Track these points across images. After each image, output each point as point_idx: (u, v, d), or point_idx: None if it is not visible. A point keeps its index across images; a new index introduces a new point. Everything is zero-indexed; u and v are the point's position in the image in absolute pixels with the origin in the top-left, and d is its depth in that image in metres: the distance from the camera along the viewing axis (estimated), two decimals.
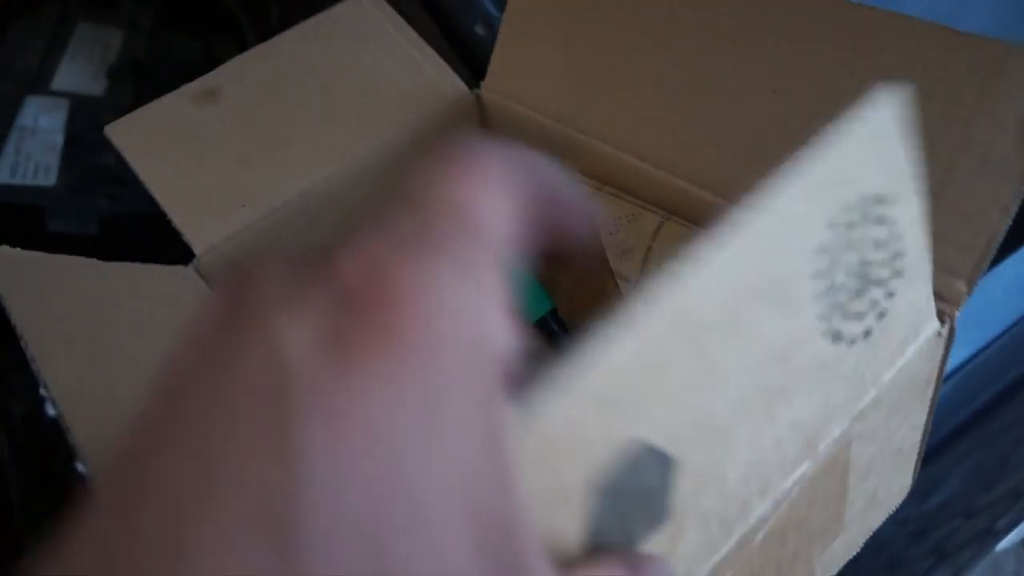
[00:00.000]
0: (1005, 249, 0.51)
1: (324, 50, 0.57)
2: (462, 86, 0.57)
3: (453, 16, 0.62)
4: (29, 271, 0.40)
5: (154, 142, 0.53)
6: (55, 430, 0.51)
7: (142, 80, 0.69)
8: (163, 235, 0.53)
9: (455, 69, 0.57)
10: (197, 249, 0.49)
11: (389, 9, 0.59)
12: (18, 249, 0.40)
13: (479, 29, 0.60)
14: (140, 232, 0.62)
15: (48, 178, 0.64)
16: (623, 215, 0.48)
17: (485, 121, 0.58)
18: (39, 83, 0.68)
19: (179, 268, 0.48)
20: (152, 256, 0.54)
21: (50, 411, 0.31)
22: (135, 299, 0.43)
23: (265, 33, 0.82)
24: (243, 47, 0.79)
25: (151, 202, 0.53)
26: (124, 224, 0.63)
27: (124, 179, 0.62)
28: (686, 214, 0.47)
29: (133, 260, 0.48)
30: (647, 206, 0.48)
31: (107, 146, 0.64)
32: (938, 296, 0.37)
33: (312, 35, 0.58)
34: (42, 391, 0.31)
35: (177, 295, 0.45)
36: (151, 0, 0.77)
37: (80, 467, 0.32)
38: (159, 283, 0.46)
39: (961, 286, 0.37)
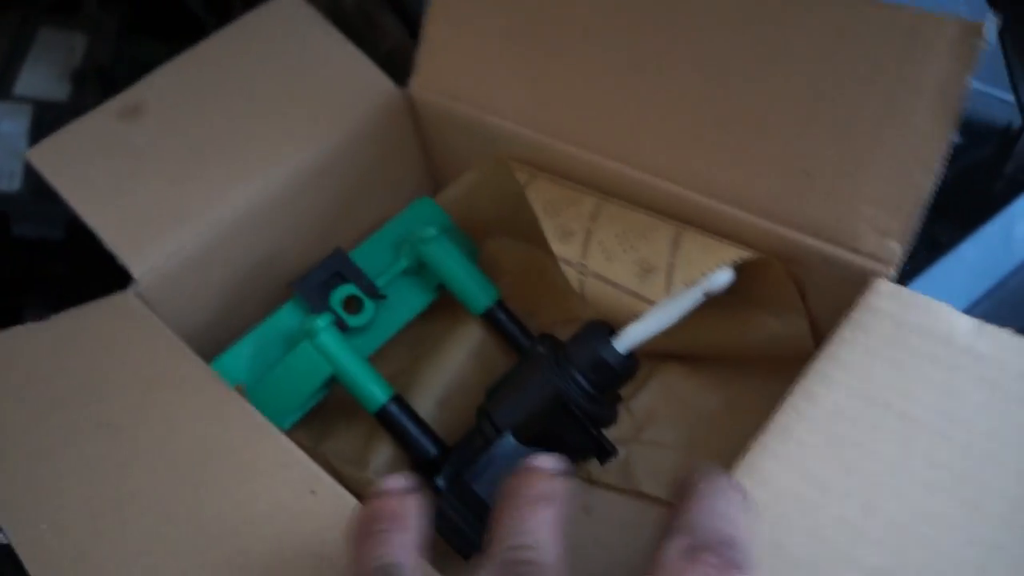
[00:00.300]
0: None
1: (250, 55, 0.56)
2: (391, 85, 0.57)
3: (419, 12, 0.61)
4: None
5: (80, 163, 0.51)
6: None
7: (107, 85, 0.68)
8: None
9: None
10: (135, 272, 0.48)
11: (311, 10, 0.59)
12: None
13: None
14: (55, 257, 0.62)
15: (12, 184, 0.63)
16: (561, 198, 0.48)
17: (417, 118, 0.58)
18: (1, 88, 0.67)
19: (118, 296, 0.47)
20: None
21: None
22: (82, 353, 0.43)
23: None
24: None
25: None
26: (46, 251, 0.63)
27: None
28: (622, 194, 0.47)
29: (100, 262, 0.48)
30: (583, 189, 0.49)
31: None
32: (874, 257, 0.38)
33: (236, 40, 0.57)
34: None
35: (120, 332, 0.45)
36: (115, 4, 0.75)
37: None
38: (102, 323, 0.45)
39: (895, 246, 0.38)
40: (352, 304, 0.50)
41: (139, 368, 0.42)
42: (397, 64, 0.58)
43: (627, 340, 0.39)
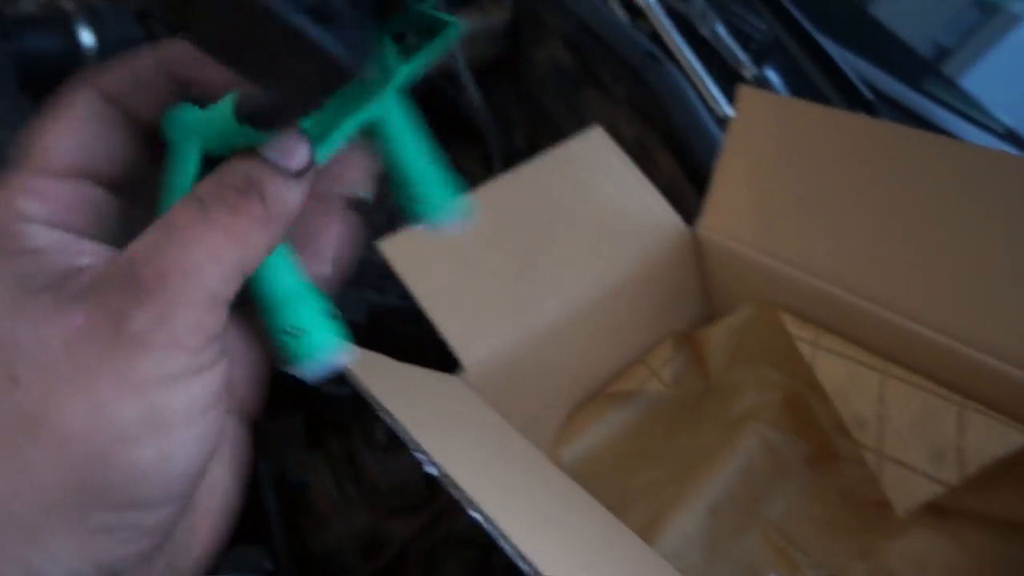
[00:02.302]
0: None
1: (561, 183, 0.65)
2: (681, 223, 0.65)
3: (695, 155, 0.69)
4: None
5: (424, 260, 0.61)
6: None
7: None
8: (419, 328, 0.60)
9: (694, 204, 0.65)
10: (465, 362, 0.56)
11: (615, 145, 0.67)
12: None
13: None
14: (401, 323, 0.70)
15: None
16: (848, 380, 0.54)
17: (701, 255, 0.66)
18: None
19: (452, 377, 0.56)
20: (409, 345, 0.62)
21: (430, 470, 0.38)
22: (436, 397, 0.51)
23: (509, 151, 0.92)
24: (487, 161, 0.88)
25: (408, 297, 0.61)
26: (388, 316, 0.71)
27: (387, 274, 0.70)
28: (906, 358, 0.53)
29: (395, 348, 0.55)
30: (868, 359, 0.55)
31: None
32: None
33: (551, 166, 0.66)
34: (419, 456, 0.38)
35: (459, 399, 0.53)
36: None
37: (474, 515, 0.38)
38: (446, 387, 0.53)
39: None
40: None
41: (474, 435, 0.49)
42: (671, 200, 0.66)
43: None
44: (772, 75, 0.78)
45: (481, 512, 0.34)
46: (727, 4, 0.84)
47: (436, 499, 0.81)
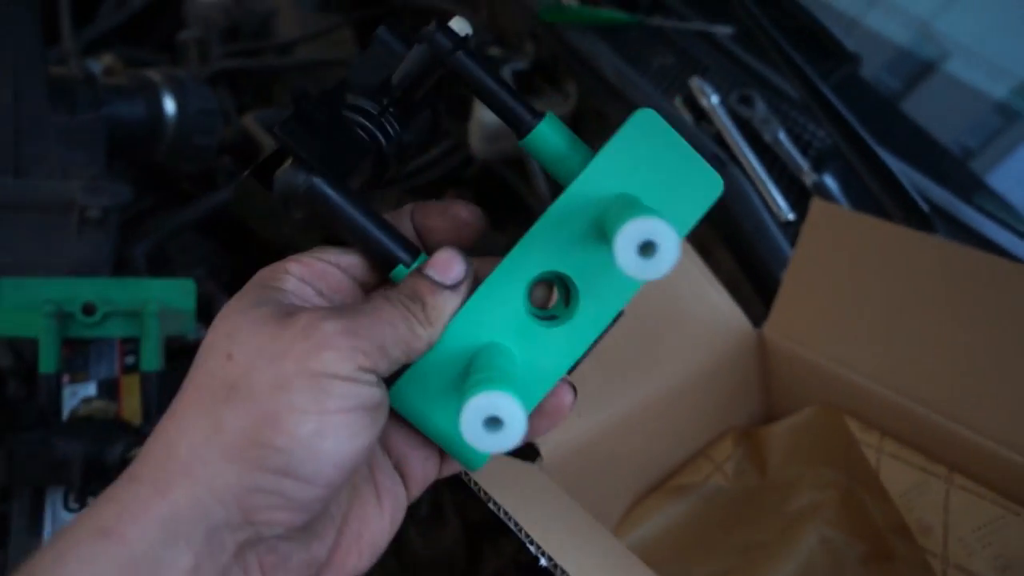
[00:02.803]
0: None
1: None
2: (747, 323, 0.67)
3: (757, 257, 0.72)
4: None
5: None
6: None
7: None
8: None
9: (753, 303, 0.68)
10: (542, 450, 0.58)
11: (689, 247, 0.70)
12: None
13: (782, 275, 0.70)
14: None
15: None
16: (913, 486, 0.56)
17: (765, 356, 0.68)
18: None
19: (532, 466, 0.57)
20: None
21: (543, 562, 0.40)
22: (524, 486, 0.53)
23: None
24: None
25: None
26: None
27: None
28: (971, 469, 0.55)
29: None
30: (932, 467, 0.56)
31: None
32: None
33: None
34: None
35: (541, 488, 0.54)
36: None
37: None
38: (529, 476, 0.55)
39: None
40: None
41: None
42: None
43: None
44: (830, 181, 0.81)
45: None
46: (788, 111, 0.87)
47: (478, 572, 0.82)
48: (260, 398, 0.29)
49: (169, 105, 0.89)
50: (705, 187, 0.35)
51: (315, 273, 0.34)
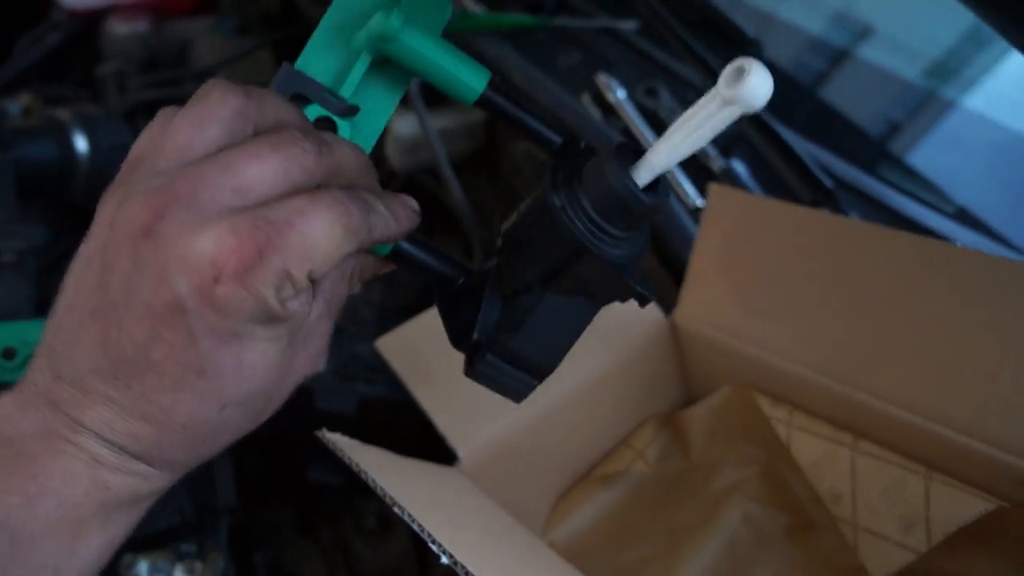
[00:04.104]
0: None
1: None
2: (659, 312, 0.69)
3: (668, 245, 0.74)
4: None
5: (416, 355, 0.64)
6: None
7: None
8: (408, 418, 0.63)
9: (668, 290, 0.69)
10: (461, 454, 0.59)
11: None
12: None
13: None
14: (389, 414, 0.73)
15: (319, 365, 0.76)
16: (821, 457, 0.58)
17: (678, 342, 0.69)
18: None
19: (450, 468, 0.58)
20: (399, 435, 0.64)
21: (445, 560, 0.41)
22: (439, 489, 0.54)
23: (489, 240, 0.96)
24: (468, 250, 0.92)
25: (398, 389, 0.64)
26: (377, 407, 0.74)
27: (377, 367, 0.73)
28: (874, 434, 0.57)
29: (384, 438, 0.57)
30: (838, 436, 0.58)
31: (364, 337, 0.75)
32: None
33: None
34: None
35: (459, 490, 0.55)
36: None
37: None
38: (446, 479, 0.56)
39: None
40: (324, 128, 0.39)
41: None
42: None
43: (648, 170, 0.33)
44: (739, 166, 0.83)
45: None
46: (693, 100, 0.89)
47: None
48: None
49: (80, 143, 0.89)
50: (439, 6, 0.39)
51: None
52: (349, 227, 0.32)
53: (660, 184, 0.34)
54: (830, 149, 0.88)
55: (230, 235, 0.29)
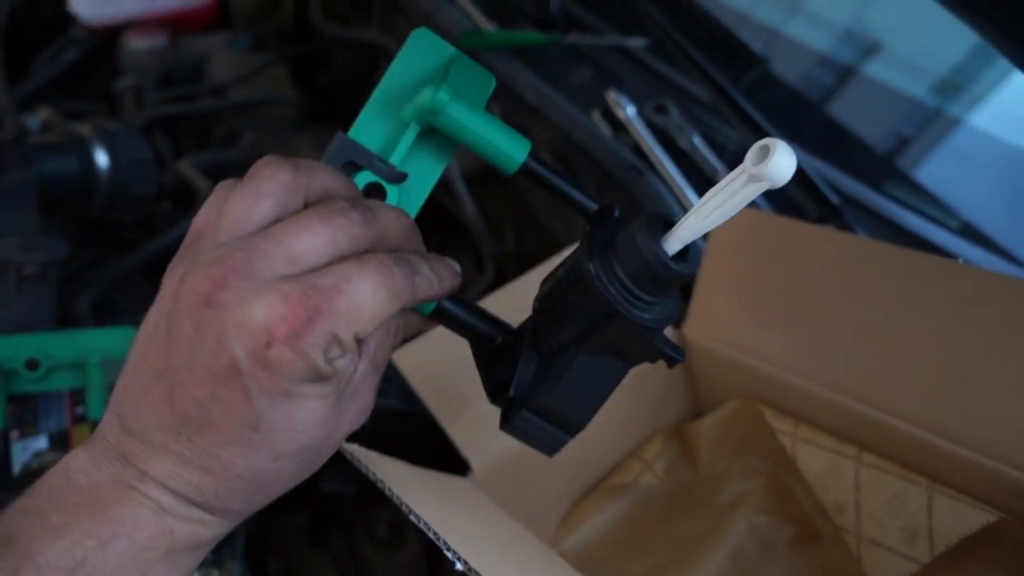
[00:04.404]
0: None
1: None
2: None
3: None
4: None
5: (431, 367, 0.65)
6: None
7: None
8: (420, 429, 0.65)
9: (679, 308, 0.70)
10: (473, 465, 0.61)
11: None
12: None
13: None
14: (402, 425, 0.74)
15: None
16: (826, 469, 0.59)
17: (687, 355, 0.71)
18: None
19: (463, 479, 0.60)
20: (411, 445, 0.66)
21: (459, 567, 0.43)
22: (452, 499, 0.55)
23: (500, 254, 0.97)
24: (479, 263, 0.94)
25: (411, 400, 0.65)
26: (391, 418, 0.75)
27: (390, 377, 0.74)
28: (878, 446, 0.58)
29: (396, 448, 0.59)
30: (842, 448, 0.59)
31: None
32: None
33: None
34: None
35: (471, 500, 0.57)
36: None
37: None
38: (459, 489, 0.57)
39: None
40: (374, 194, 0.42)
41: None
42: None
43: (677, 240, 0.35)
44: None
45: None
46: (701, 116, 0.91)
47: None
48: None
49: (101, 158, 0.91)
50: (483, 81, 0.43)
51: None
52: (393, 290, 0.35)
53: (689, 253, 0.36)
54: (837, 165, 0.89)
55: (281, 303, 0.32)
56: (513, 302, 0.69)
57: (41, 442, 0.77)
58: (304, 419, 0.35)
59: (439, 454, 0.62)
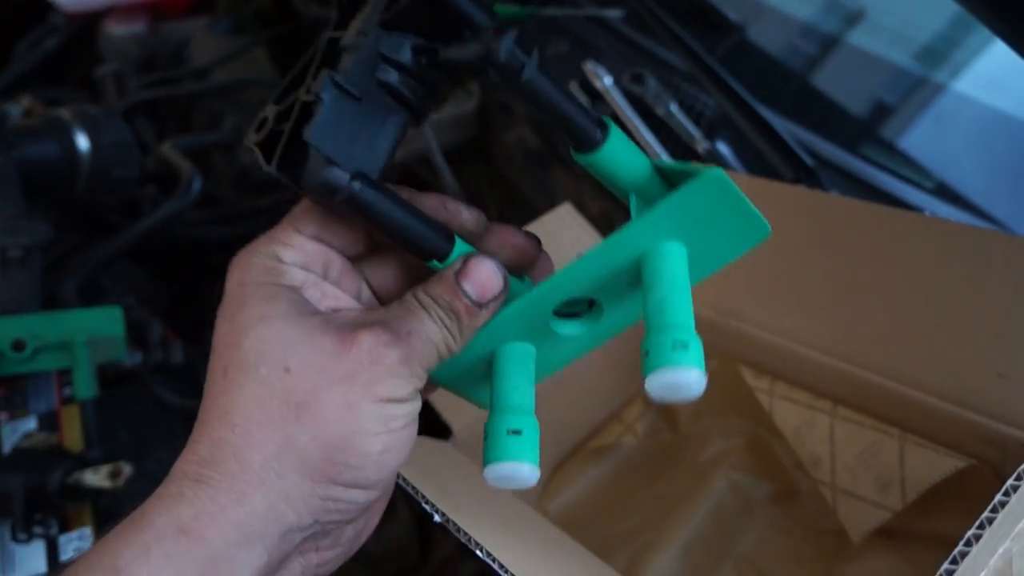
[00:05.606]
0: None
1: None
2: None
3: None
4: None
5: None
6: None
7: None
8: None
9: None
10: (454, 427, 0.62)
11: (583, 220, 0.74)
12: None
13: None
14: None
15: None
16: (802, 423, 0.60)
17: None
18: None
19: (444, 443, 0.61)
20: None
21: (437, 518, 0.45)
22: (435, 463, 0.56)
23: None
24: None
25: None
26: None
27: None
28: (852, 400, 0.59)
29: None
30: (817, 403, 0.60)
31: None
32: None
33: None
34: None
35: (453, 463, 0.58)
36: None
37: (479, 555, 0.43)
38: (441, 453, 0.58)
39: None
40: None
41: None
42: None
43: None
44: (723, 147, 0.85)
45: (485, 550, 0.39)
46: (679, 84, 0.91)
47: (430, 563, 0.85)
48: (331, 420, 0.32)
49: (82, 142, 0.91)
50: (752, 232, 0.38)
51: (312, 259, 0.36)
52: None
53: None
54: (812, 129, 0.90)
55: None
56: None
57: (30, 423, 0.78)
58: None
59: (420, 418, 0.63)
